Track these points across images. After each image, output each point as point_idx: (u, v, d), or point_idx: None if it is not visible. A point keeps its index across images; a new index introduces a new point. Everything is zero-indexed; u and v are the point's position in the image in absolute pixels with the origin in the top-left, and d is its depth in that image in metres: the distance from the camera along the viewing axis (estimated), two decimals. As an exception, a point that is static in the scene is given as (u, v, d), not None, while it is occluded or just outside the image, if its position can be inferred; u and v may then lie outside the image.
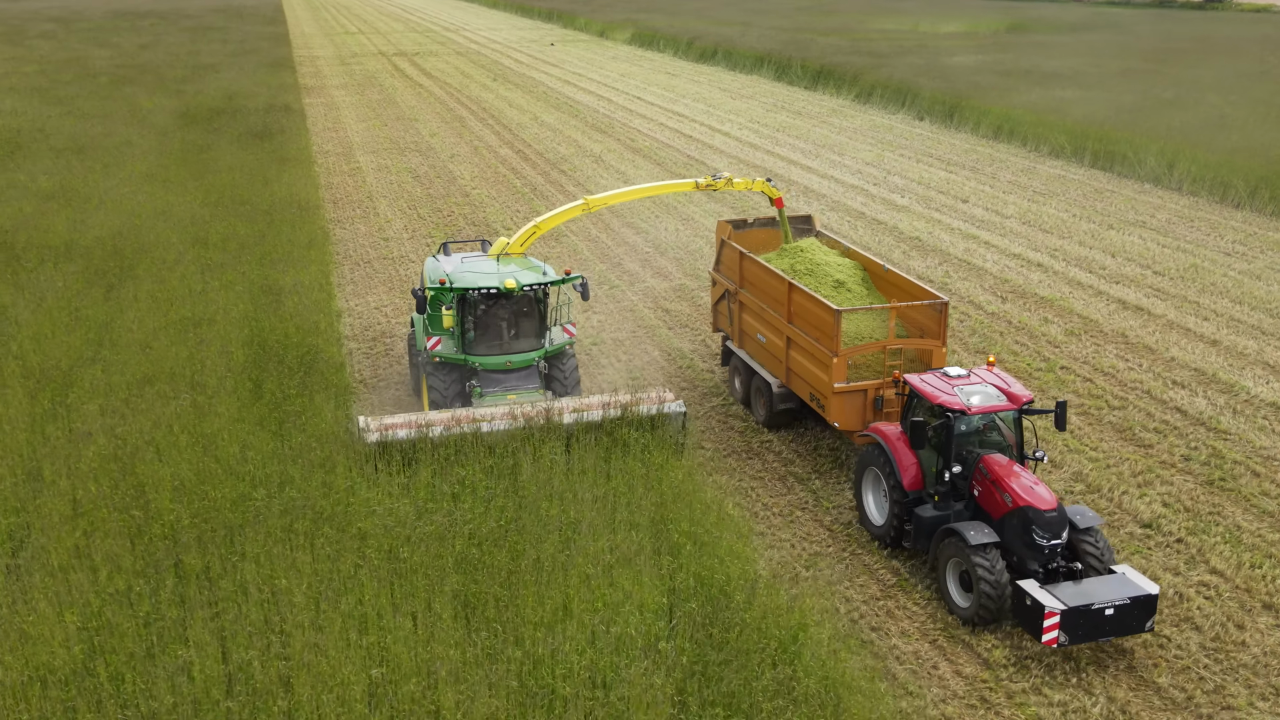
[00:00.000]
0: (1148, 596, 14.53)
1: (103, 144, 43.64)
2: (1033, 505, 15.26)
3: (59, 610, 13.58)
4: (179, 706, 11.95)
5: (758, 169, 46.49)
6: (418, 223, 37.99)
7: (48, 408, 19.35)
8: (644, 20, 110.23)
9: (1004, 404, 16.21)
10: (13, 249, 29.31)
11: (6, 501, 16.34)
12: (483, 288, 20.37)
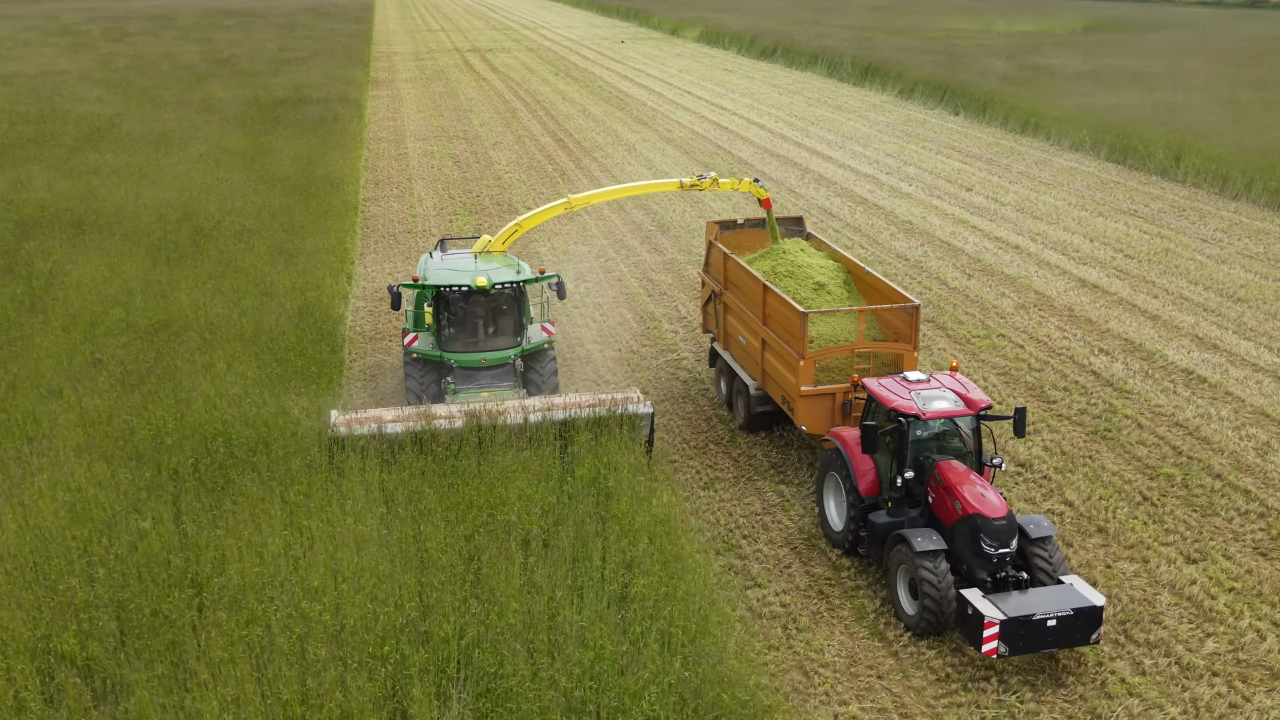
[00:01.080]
0: (1092, 608, 14.17)
1: (172, 130, 47.60)
2: (981, 513, 14.96)
3: (53, 487, 16.71)
4: (135, 559, 14.91)
5: (780, 159, 48.77)
6: (448, 202, 41.06)
7: (76, 341, 22.70)
8: (714, 19, 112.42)
9: (960, 409, 15.96)
10: (76, 214, 33.02)
11: (28, 410, 19.63)
12: (455, 285, 20.42)
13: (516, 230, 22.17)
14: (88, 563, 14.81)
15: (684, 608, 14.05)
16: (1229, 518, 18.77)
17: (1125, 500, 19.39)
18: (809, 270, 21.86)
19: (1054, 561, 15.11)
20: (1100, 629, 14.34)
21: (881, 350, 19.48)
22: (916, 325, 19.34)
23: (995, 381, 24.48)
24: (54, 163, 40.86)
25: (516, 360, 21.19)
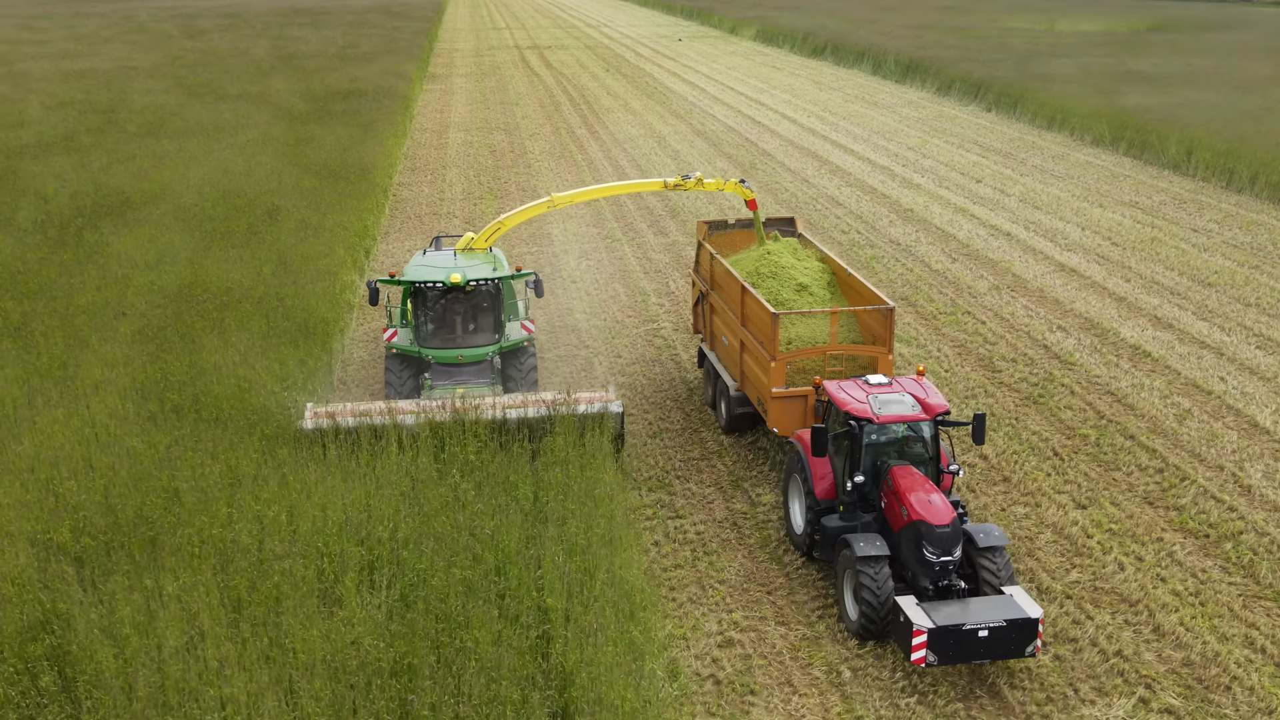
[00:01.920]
0: (1027, 620, 13.89)
1: (226, 120, 50.64)
2: (925, 520, 14.77)
3: (69, 417, 19.25)
4: (128, 471, 17.34)
5: (802, 151, 50.47)
6: (477, 187, 43.47)
7: (108, 299, 25.41)
8: (773, 17, 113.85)
9: (916, 414, 15.81)
10: (126, 194, 35.95)
11: (59, 355, 22.28)
12: (428, 281, 20.59)
13: (499, 228, 22.37)
14: (89, 474, 17.26)
15: (586, 522, 16.06)
16: (1128, 472, 20.32)
17: (1036, 455, 21.01)
18: (793, 271, 21.68)
19: (1000, 572, 14.79)
20: (1036, 641, 13.97)
21: (854, 352, 19.30)
22: (891, 328, 19.12)
23: (949, 353, 26.13)
24: (115, 149, 44.00)
25: (494, 357, 21.30)
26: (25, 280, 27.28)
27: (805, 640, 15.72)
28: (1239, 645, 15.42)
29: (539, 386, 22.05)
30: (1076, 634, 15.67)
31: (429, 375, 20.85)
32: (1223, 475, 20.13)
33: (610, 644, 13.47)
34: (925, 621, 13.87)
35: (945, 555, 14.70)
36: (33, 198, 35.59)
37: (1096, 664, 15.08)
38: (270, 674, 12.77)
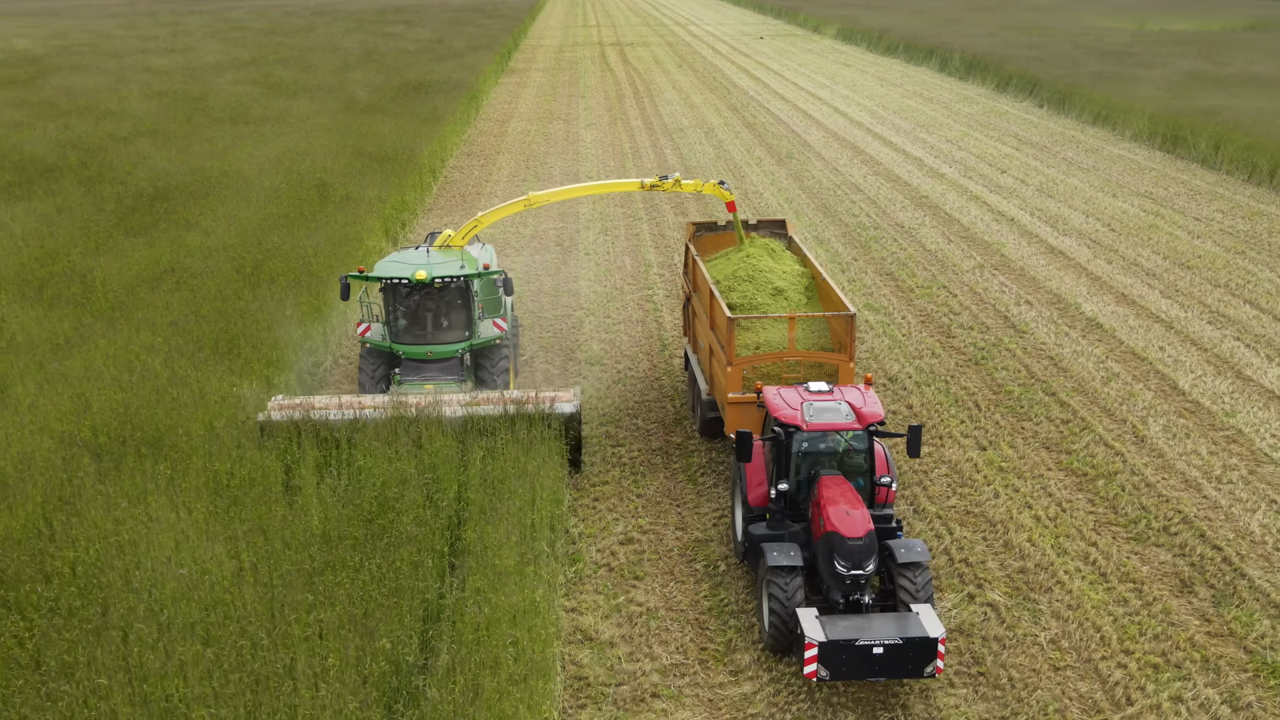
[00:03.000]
0: (925, 640, 13.51)
1: (300, 110, 54.54)
2: (839, 531, 14.47)
3: (110, 345, 22.62)
4: (147, 385, 20.58)
5: (841, 141, 52.48)
6: (523, 171, 46.49)
7: (160, 254, 29.00)
8: (855, 16, 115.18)
9: (848, 423, 15.47)
10: (197, 171, 39.79)
11: (110, 299, 25.79)
12: (395, 278, 20.79)
13: (475, 225, 22.74)
14: (116, 389, 20.57)
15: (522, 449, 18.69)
16: (1037, 422, 22.31)
17: (958, 406, 23.11)
18: (770, 275, 21.50)
19: (917, 590, 14.51)
20: (936, 662, 13.61)
21: (813, 359, 19.04)
22: (852, 335, 18.85)
23: (911, 319, 28.21)
24: (195, 134, 48.10)
25: (464, 354, 21.57)
26: (95, 237, 31.08)
27: (696, 542, 18.21)
28: (1073, 559, 17.47)
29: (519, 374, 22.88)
30: (934, 545, 17.88)
31: (399, 370, 21.20)
32: (1123, 427, 22.00)
33: (507, 525, 16.14)
34: (818, 635, 13.57)
35: (856, 569, 14.34)
36: (115, 173, 39.64)
37: (943, 567, 17.29)
38: (243, 544, 15.68)
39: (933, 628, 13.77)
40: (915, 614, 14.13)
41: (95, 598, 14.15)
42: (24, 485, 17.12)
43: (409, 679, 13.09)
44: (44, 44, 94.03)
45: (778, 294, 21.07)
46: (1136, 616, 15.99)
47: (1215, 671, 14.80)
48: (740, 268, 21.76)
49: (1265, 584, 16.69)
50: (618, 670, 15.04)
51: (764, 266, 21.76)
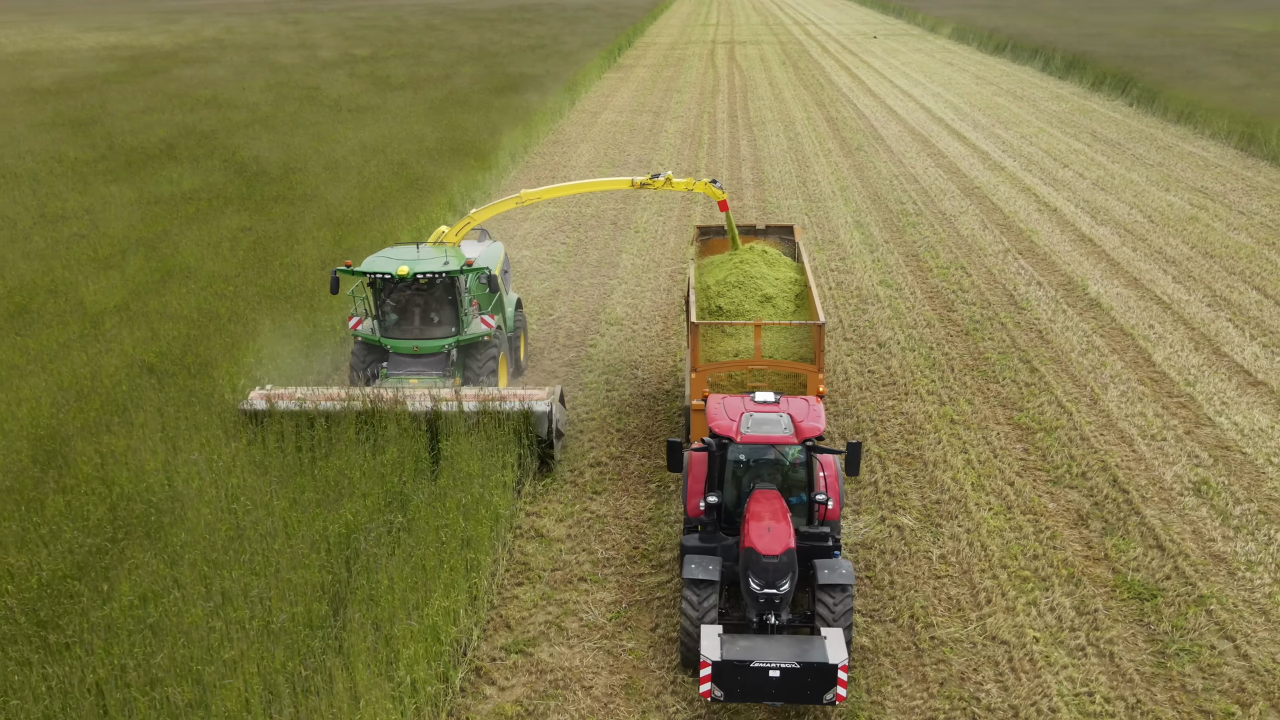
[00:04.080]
0: (825, 666, 13.08)
1: (396, 104, 58.51)
2: (754, 548, 14.11)
3: (185, 292, 26.20)
4: (206, 327, 24.01)
5: (914, 135, 53.98)
6: (600, 159, 49.37)
7: (246, 221, 32.70)
8: (971, 16, 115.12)
9: (784, 436, 14.94)
10: (300, 155, 43.77)
11: (189, 254, 29.50)
12: (378, 273, 21.01)
13: (469, 222, 23.15)
14: (180, 322, 24.08)
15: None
16: (1003, 385, 24.11)
17: (933, 369, 25.04)
18: (761, 281, 21.37)
19: (836, 615, 14.12)
20: (836, 689, 13.18)
21: (780, 368, 18.89)
22: (821, 345, 18.72)
23: (919, 294, 30.08)
24: (302, 123, 52.36)
25: (451, 350, 21.72)
26: (192, 205, 35.05)
27: (658, 468, 20.68)
28: (988, 494, 19.42)
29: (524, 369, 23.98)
30: (866, 478, 20.02)
31: (386, 364, 21.51)
32: (1082, 391, 23.67)
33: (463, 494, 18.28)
34: (714, 654, 13.23)
35: (769, 588, 13.97)
36: (225, 154, 43.90)
37: (867, 495, 19.44)
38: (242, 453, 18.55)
39: (835, 654, 13.20)
40: (823, 639, 13.58)
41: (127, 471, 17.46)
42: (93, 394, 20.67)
43: (369, 546, 15.93)
44: (176, 39, 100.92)
45: (766, 301, 20.85)
46: (1025, 541, 17.92)
47: (1075, 584, 16.69)
48: (732, 273, 21.65)
49: (1155, 521, 18.40)
50: (557, 560, 17.67)
51: (756, 273, 21.71)
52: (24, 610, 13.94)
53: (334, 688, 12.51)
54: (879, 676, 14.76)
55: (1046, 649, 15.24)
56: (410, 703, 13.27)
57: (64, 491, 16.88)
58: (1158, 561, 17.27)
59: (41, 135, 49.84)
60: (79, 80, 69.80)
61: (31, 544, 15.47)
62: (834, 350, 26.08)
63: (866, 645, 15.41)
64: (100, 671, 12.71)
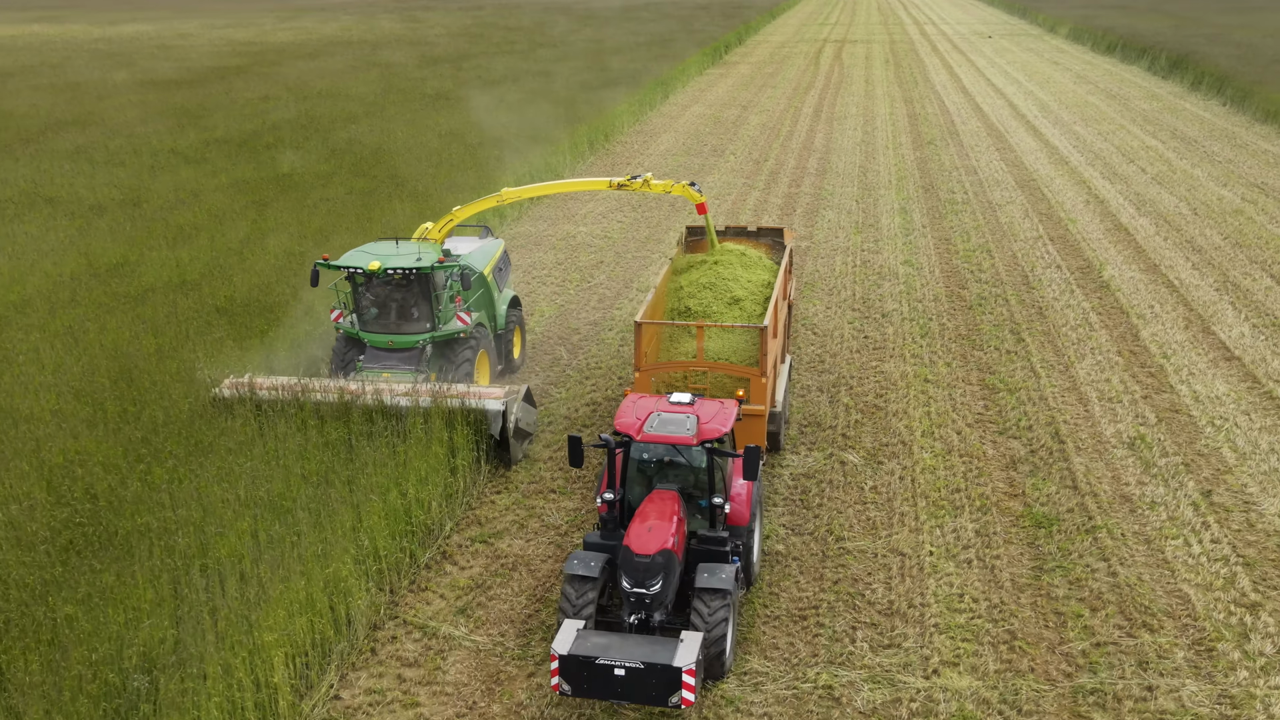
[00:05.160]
0: (667, 668, 13.03)
1: (480, 97, 62.03)
2: (629, 547, 14.13)
3: (274, 245, 29.76)
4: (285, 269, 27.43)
5: (991, 131, 55.13)
6: (677, 148, 51.92)
7: (337, 193, 36.31)
8: (1091, 16, 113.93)
9: (683, 437, 14.89)
10: (391, 140, 47.50)
11: (286, 213, 33.13)
12: (350, 267, 21.12)
13: (451, 220, 23.38)
14: (252, 274, 27.60)
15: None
16: (985, 352, 25.91)
17: (925, 337, 26.95)
18: (733, 284, 21.46)
19: (706, 618, 13.99)
20: (681, 693, 13.09)
21: (722, 370, 18.89)
22: (764, 349, 18.49)
23: (937, 274, 31.87)
24: (401, 113, 56.29)
25: (426, 346, 21.83)
26: (297, 179, 38.91)
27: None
28: (934, 440, 21.41)
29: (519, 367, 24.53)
30: (829, 423, 22.19)
31: (363, 357, 21.73)
32: (1060, 359, 25.33)
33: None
34: (561, 647, 13.35)
35: (638, 587, 13.99)
36: (324, 140, 47.92)
37: (825, 436, 21.62)
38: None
39: (682, 658, 13.16)
40: (679, 641, 13.51)
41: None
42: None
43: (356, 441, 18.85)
44: (296, 35, 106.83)
45: (734, 303, 20.92)
46: (953, 479, 19.92)
47: (984, 513, 18.68)
48: (706, 274, 21.81)
49: (1079, 468, 20.19)
50: (537, 476, 20.36)
51: (730, 275, 21.87)
52: (86, 483, 17.24)
53: (302, 544, 15.44)
54: (784, 574, 17.07)
55: (937, 560, 17.32)
56: (372, 565, 16.13)
57: (124, 400, 20.29)
58: (1067, 499, 19.11)
59: (164, 120, 54.75)
60: (202, 72, 75.38)
61: (97, 434, 18.86)
62: (836, 319, 28.20)
63: (780, 551, 17.72)
64: (128, 525, 15.92)
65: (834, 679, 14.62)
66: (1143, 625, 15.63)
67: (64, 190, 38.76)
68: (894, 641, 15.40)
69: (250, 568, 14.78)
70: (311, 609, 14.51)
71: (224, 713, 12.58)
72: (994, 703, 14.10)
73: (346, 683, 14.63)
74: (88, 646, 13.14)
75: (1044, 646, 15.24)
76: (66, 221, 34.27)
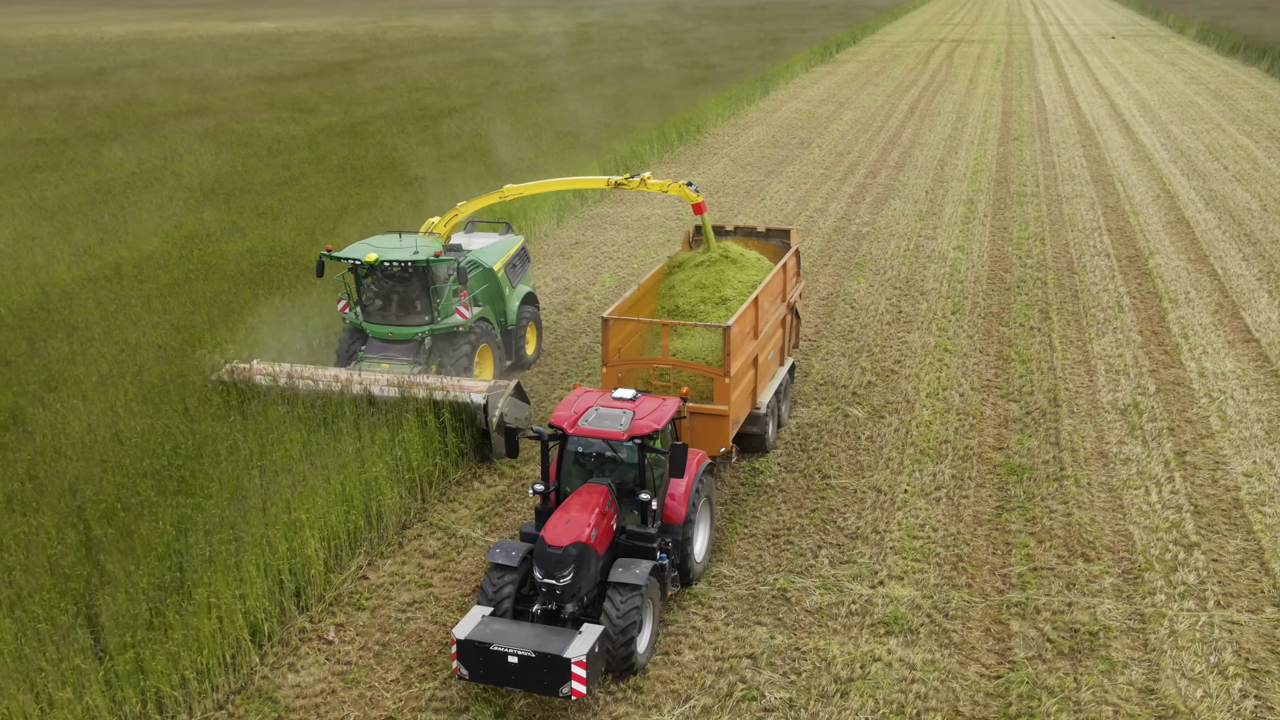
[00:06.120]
0: (557, 659, 13.16)
1: (577, 91, 64.85)
2: (543, 537, 14.30)
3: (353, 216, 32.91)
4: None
5: (1083, 129, 55.65)
6: (765, 139, 53.86)
7: (427, 171, 39.50)
8: (1221, 17, 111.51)
9: (612, 432, 15.04)
10: (487, 127, 50.63)
11: (367, 191, 36.31)
12: (349, 258, 21.53)
13: (456, 215, 23.65)
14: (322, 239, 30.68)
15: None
16: (1011, 328, 27.38)
17: (957, 314, 28.50)
18: (723, 284, 21.60)
19: (614, 613, 14.04)
20: (572, 684, 13.26)
21: (686, 368, 18.85)
22: (726, 349, 18.36)
23: (985, 258, 33.27)
24: (498, 105, 59.51)
25: (425, 338, 22.11)
26: (397, 161, 42.21)
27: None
28: (937, 400, 23.11)
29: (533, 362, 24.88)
30: (845, 383, 24.07)
31: (365, 348, 22.14)
32: (1079, 336, 26.67)
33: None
34: (460, 632, 13.61)
35: (547, 578, 14.14)
36: (427, 129, 51.31)
37: (837, 394, 23.51)
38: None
39: (574, 650, 13.29)
40: (577, 633, 13.69)
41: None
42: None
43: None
44: (407, 33, 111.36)
45: (722, 303, 21.04)
46: (944, 433, 21.64)
47: (964, 461, 20.41)
48: (699, 273, 22.00)
49: (1067, 428, 21.72)
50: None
51: (721, 275, 21.96)
52: (180, 397, 20.30)
53: (343, 447, 18.17)
54: (768, 503, 19.14)
55: (909, 498, 19.18)
56: (405, 474, 18.75)
57: (214, 333, 23.50)
58: (1047, 453, 20.72)
59: (281, 109, 58.94)
60: (323, 66, 79.95)
61: (188, 360, 22.02)
62: (875, 295, 29.94)
63: (770, 484, 19.78)
64: (204, 430, 18.89)
65: (790, 584, 16.67)
66: (1080, 556, 17.28)
67: (189, 167, 42.77)
68: (851, 559, 17.36)
69: (297, 466, 17.52)
70: (347, 502, 17.17)
71: (260, 571, 15.30)
72: (925, 608, 15.98)
73: (374, 567, 17.28)
74: (162, 520, 16.03)
75: (986, 569, 17.02)
76: (185, 194, 38.08)
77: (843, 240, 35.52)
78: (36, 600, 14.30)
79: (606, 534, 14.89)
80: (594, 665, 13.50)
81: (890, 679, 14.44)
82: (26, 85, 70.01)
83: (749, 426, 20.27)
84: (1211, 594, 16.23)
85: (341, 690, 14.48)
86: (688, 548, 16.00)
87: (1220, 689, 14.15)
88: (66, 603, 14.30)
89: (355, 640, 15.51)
